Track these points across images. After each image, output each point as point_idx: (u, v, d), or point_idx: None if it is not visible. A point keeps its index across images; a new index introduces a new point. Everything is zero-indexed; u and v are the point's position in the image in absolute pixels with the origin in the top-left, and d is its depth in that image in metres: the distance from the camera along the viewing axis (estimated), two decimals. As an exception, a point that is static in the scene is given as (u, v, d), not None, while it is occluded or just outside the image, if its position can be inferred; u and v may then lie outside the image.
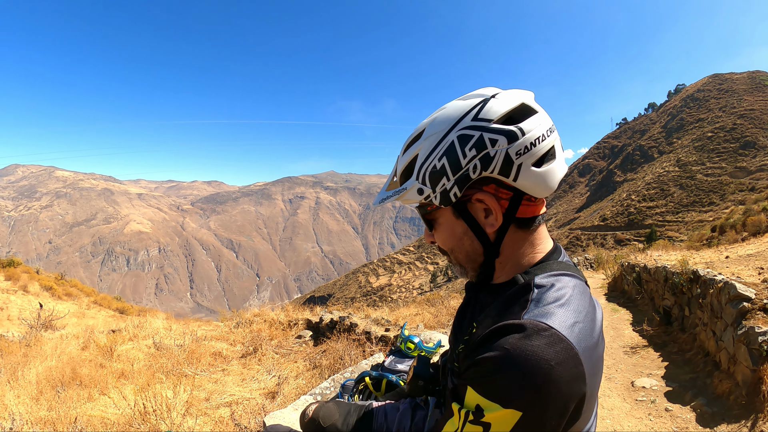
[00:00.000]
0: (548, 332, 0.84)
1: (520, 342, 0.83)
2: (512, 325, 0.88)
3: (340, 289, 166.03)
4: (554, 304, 0.92)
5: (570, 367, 0.82)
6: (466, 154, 0.97)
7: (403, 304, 15.60)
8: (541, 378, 0.79)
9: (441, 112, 1.05)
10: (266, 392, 4.93)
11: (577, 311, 0.92)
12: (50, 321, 9.25)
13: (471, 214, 1.04)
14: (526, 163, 0.97)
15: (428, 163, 1.02)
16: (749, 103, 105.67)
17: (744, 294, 4.63)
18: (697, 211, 79.44)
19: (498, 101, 1.00)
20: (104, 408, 4.38)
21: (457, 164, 0.98)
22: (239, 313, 9.43)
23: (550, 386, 0.80)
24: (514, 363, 0.82)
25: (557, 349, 0.82)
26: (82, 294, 21.31)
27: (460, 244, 1.09)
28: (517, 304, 0.96)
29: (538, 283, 0.99)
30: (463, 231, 1.07)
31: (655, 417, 4.47)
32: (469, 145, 0.97)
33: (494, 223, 1.03)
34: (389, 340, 6.30)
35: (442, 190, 1.01)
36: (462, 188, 1.00)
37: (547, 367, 0.80)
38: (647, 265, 9.11)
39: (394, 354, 2.27)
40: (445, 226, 1.10)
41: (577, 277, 1.04)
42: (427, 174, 1.02)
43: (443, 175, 1.00)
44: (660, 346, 6.48)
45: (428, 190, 1.02)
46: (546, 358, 0.80)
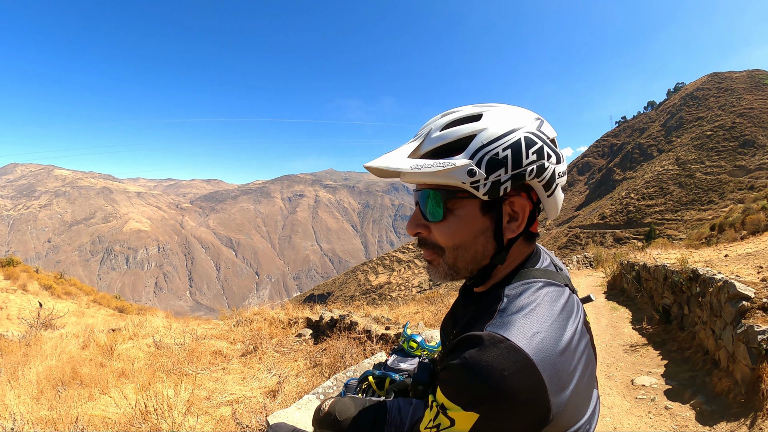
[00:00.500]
0: (504, 344, 0.87)
1: (477, 353, 0.87)
2: (472, 336, 0.92)
3: (339, 287, 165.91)
4: (518, 314, 0.94)
5: (524, 377, 0.84)
6: (528, 156, 0.98)
7: (402, 302, 15.61)
8: (494, 386, 0.83)
9: (499, 108, 1.04)
10: (267, 391, 4.94)
11: (541, 320, 0.93)
12: (50, 320, 9.25)
13: (500, 215, 1.03)
14: (560, 186, 1.06)
15: (491, 148, 0.97)
16: (748, 102, 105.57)
17: (743, 293, 4.64)
18: (696, 209, 79.48)
19: (548, 125, 1.05)
20: (105, 407, 4.39)
21: (519, 161, 0.98)
22: (239, 312, 9.43)
23: (504, 394, 0.83)
24: (470, 372, 0.86)
25: (511, 360, 0.85)
26: (82, 293, 21.30)
27: (473, 243, 1.05)
28: (487, 313, 0.99)
29: (507, 293, 1.01)
30: (482, 229, 1.04)
31: (655, 415, 4.48)
32: (534, 149, 0.99)
33: (515, 229, 1.04)
34: (389, 338, 6.31)
35: (496, 180, 0.97)
36: (514, 185, 0.99)
37: (500, 376, 0.83)
38: (647, 263, 9.13)
39: (396, 353, 2.27)
40: (465, 220, 1.03)
41: (553, 284, 1.05)
42: (487, 158, 0.97)
43: (503, 166, 0.97)
44: (659, 345, 6.50)
45: (481, 174, 0.97)
46: (499, 368, 0.84)
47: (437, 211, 1.04)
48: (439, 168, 0.96)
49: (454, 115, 1.04)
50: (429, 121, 1.09)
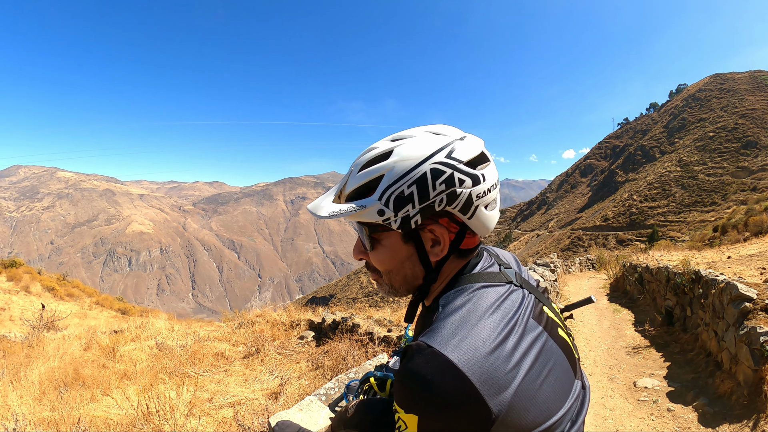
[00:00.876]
0: (427, 351, 0.93)
1: (407, 363, 0.94)
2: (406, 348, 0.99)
3: (341, 289, 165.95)
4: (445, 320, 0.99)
5: (449, 380, 0.88)
6: (435, 187, 1.02)
7: (404, 304, 15.57)
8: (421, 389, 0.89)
9: (411, 141, 1.08)
10: (269, 393, 4.93)
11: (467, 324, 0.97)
12: (52, 321, 9.26)
13: (421, 242, 1.09)
14: (481, 206, 1.07)
15: (396, 188, 1.02)
16: (751, 103, 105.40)
17: (746, 294, 4.63)
18: (698, 211, 79.31)
19: (466, 145, 1.08)
20: (107, 409, 4.39)
21: (426, 195, 1.02)
22: (241, 314, 9.42)
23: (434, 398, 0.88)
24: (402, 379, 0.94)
25: (433, 365, 0.90)
26: (84, 294, 21.31)
27: (400, 268, 1.13)
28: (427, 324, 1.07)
29: (441, 303, 1.07)
30: (407, 256, 1.11)
31: (658, 417, 4.47)
32: (441, 179, 1.02)
33: (439, 253, 1.10)
34: (392, 340, 6.30)
35: (404, 216, 1.03)
36: (424, 218, 1.04)
37: (425, 381, 0.89)
38: (649, 265, 9.12)
39: (398, 354, 2.27)
40: (389, 249, 1.12)
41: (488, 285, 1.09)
42: (393, 198, 1.02)
43: (410, 202, 1.02)
44: (662, 347, 6.49)
45: (390, 212, 1.03)
46: (422, 373, 0.90)
47: (368, 242, 1.14)
48: (352, 212, 1.04)
49: (370, 154, 1.10)
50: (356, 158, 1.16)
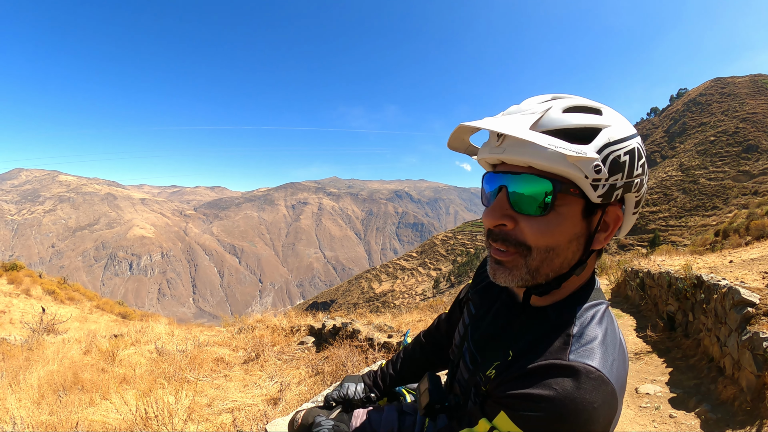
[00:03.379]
0: (594, 375, 0.84)
1: (572, 387, 0.83)
2: (562, 366, 0.86)
3: (342, 295, 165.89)
4: (596, 341, 0.91)
5: (609, 407, 0.84)
6: (637, 168, 0.92)
7: (405, 310, 15.56)
8: (582, 419, 0.81)
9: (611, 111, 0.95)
10: (268, 398, 4.91)
11: (613, 345, 0.92)
12: (52, 325, 9.24)
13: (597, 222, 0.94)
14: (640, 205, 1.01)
15: (616, 149, 0.89)
16: (751, 107, 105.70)
17: (748, 299, 4.61)
18: (700, 215, 79.41)
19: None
20: (106, 413, 4.37)
21: (632, 170, 0.91)
22: (241, 319, 9.41)
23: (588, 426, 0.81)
24: (562, 406, 0.82)
25: (602, 392, 0.83)
26: (85, 298, 21.28)
27: (566, 247, 0.93)
28: (560, 337, 0.93)
29: (579, 317, 0.96)
30: (578, 233, 0.93)
31: (660, 423, 4.44)
32: (641, 162, 0.93)
33: (602, 240, 0.96)
34: (392, 346, 6.29)
35: (613, 183, 0.89)
36: (624, 193, 0.92)
37: (591, 409, 0.81)
38: (651, 270, 9.08)
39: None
40: (566, 220, 0.91)
41: (605, 302, 1.02)
42: (611, 158, 0.88)
43: (621, 170, 0.89)
44: (664, 352, 6.45)
45: (604, 174, 0.87)
46: (591, 401, 0.82)
47: (540, 204, 0.90)
48: (572, 153, 0.83)
49: (572, 101, 0.95)
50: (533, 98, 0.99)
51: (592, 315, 0.96)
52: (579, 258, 0.95)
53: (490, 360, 1.05)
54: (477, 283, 1.36)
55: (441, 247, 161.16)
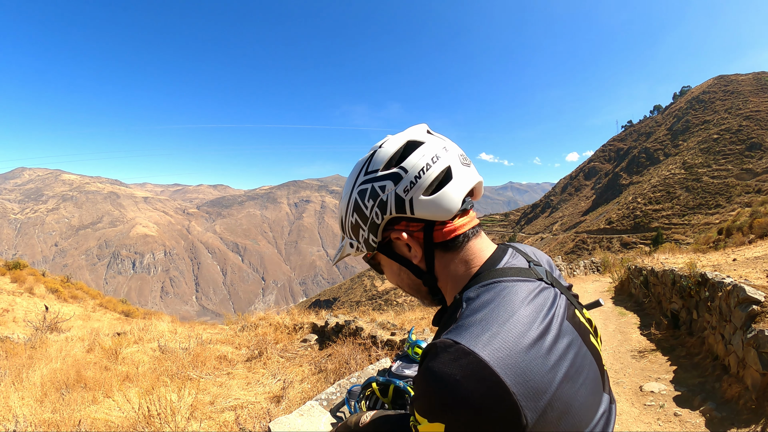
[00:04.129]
0: (453, 348, 0.85)
1: (430, 362, 0.87)
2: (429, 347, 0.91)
3: (345, 292, 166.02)
4: (473, 316, 0.92)
5: (478, 380, 0.80)
6: (366, 206, 1.09)
7: (408, 308, 15.54)
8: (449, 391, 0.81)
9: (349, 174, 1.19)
10: (271, 396, 4.91)
11: (498, 319, 0.88)
12: (55, 323, 9.26)
13: (397, 253, 1.13)
14: (416, 196, 1.04)
15: (348, 221, 1.15)
16: (755, 105, 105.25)
17: (753, 297, 4.58)
18: (703, 213, 79.10)
19: (383, 149, 1.10)
20: (108, 411, 4.37)
21: (364, 216, 1.10)
22: (244, 317, 9.41)
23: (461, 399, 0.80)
24: (425, 381, 0.86)
25: (462, 363, 0.82)
26: (88, 297, 21.35)
27: (401, 280, 1.18)
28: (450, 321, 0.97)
29: (466, 298, 0.99)
30: (398, 268, 1.16)
31: (664, 422, 4.42)
32: (366, 197, 1.09)
33: (416, 254, 1.09)
34: (395, 344, 6.27)
35: (363, 240, 1.13)
36: (376, 234, 1.10)
37: (453, 381, 0.81)
38: (654, 268, 9.06)
39: (401, 359, 2.24)
40: (386, 268, 1.20)
41: (519, 279, 1.00)
42: (350, 229, 1.15)
43: (359, 227, 1.12)
44: (668, 350, 6.43)
45: (355, 242, 1.15)
46: (450, 373, 0.82)
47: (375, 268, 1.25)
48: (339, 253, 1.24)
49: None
50: None
51: (479, 293, 0.98)
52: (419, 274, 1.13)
53: None
54: None
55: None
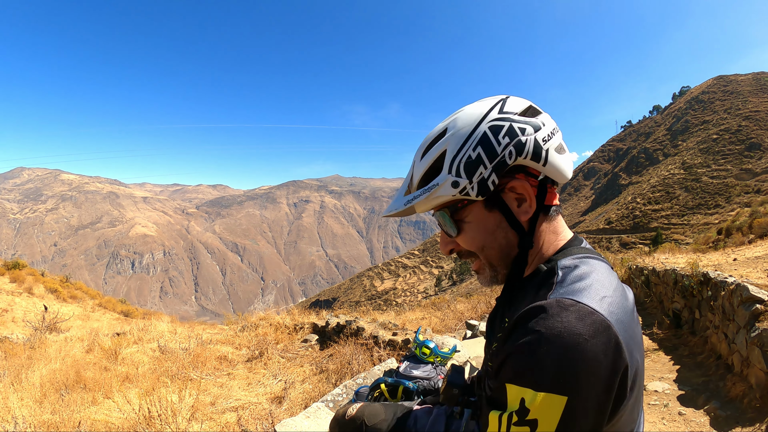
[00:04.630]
0: (575, 307, 0.83)
1: (548, 321, 0.82)
2: (537, 307, 0.86)
3: (344, 293, 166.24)
4: (580, 282, 0.92)
5: (604, 339, 0.80)
6: (500, 142, 1.00)
7: (408, 308, 15.58)
8: (577, 353, 0.78)
9: (461, 113, 1.07)
10: (273, 397, 4.89)
11: (604, 286, 0.91)
12: (55, 323, 9.24)
13: (505, 204, 1.04)
14: (551, 149, 1.04)
15: (462, 155, 1.01)
16: (754, 105, 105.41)
17: (757, 296, 4.57)
18: (702, 213, 79.21)
19: (514, 100, 1.07)
20: (108, 412, 4.34)
21: (493, 152, 1.00)
22: (244, 317, 9.39)
23: (588, 361, 0.78)
24: (546, 342, 0.80)
25: (587, 322, 0.80)
26: (87, 297, 21.34)
27: (493, 239, 1.07)
28: (543, 288, 0.96)
29: (562, 265, 1.00)
30: (496, 224, 1.05)
31: (669, 421, 4.41)
32: (502, 133, 1.00)
33: (528, 210, 1.04)
34: (397, 344, 6.25)
35: (480, 180, 1.00)
36: (499, 175, 1.01)
37: (582, 341, 0.78)
38: (656, 268, 9.05)
39: (408, 359, 2.21)
40: (476, 223, 1.07)
41: (601, 260, 1.04)
42: (462, 165, 1.01)
43: (480, 163, 1.00)
44: (671, 350, 6.42)
45: (464, 181, 1.01)
46: (578, 332, 0.79)
47: (452, 227, 1.09)
48: (427, 194, 1.05)
49: (427, 140, 1.11)
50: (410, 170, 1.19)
51: (576, 264, 0.99)
52: (518, 235, 1.06)
53: (494, 336, 1.17)
54: None
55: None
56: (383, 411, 1.56)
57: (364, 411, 1.57)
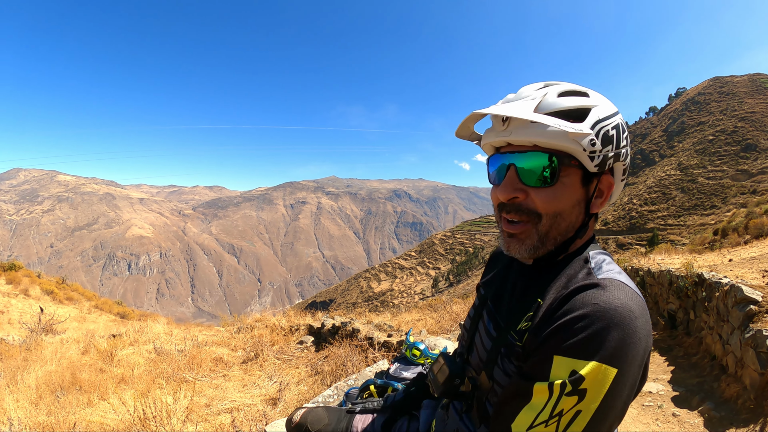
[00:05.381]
0: (625, 287, 0.91)
1: (606, 295, 0.88)
2: (590, 284, 0.93)
3: (341, 294, 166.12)
4: (614, 271, 1.00)
5: (646, 320, 0.88)
6: (623, 140, 1.08)
7: (405, 309, 15.56)
8: (630, 329, 0.84)
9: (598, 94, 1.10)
10: (267, 398, 4.88)
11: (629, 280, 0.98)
12: (51, 325, 9.21)
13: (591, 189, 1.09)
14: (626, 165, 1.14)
15: (606, 124, 1.04)
16: (750, 106, 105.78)
17: (751, 297, 4.59)
18: (698, 214, 79.45)
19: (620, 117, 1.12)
20: (103, 413, 4.34)
21: (619, 142, 1.07)
22: (240, 318, 9.38)
23: (636, 337, 0.84)
24: (604, 315, 0.85)
25: (637, 302, 0.89)
26: (83, 298, 21.26)
27: (570, 211, 1.07)
28: (581, 272, 1.03)
29: (593, 257, 1.08)
30: (579, 199, 1.08)
31: (663, 422, 4.42)
32: (625, 134, 1.10)
33: (599, 205, 1.11)
34: (392, 345, 6.26)
35: (605, 154, 1.04)
36: (614, 163, 1.08)
37: (633, 317, 0.85)
38: (651, 268, 9.06)
39: (399, 361, 2.22)
40: (569, 188, 1.05)
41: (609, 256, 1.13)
42: (602, 132, 1.03)
43: (611, 143, 1.05)
44: (665, 351, 6.44)
45: (598, 146, 1.03)
46: (631, 309, 0.86)
47: (548, 176, 1.04)
48: (572, 130, 0.98)
49: (564, 87, 1.08)
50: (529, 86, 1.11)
51: (603, 258, 1.08)
52: (582, 221, 1.10)
53: (520, 315, 1.10)
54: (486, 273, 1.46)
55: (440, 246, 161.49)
56: (326, 416, 1.59)
57: (307, 417, 1.60)
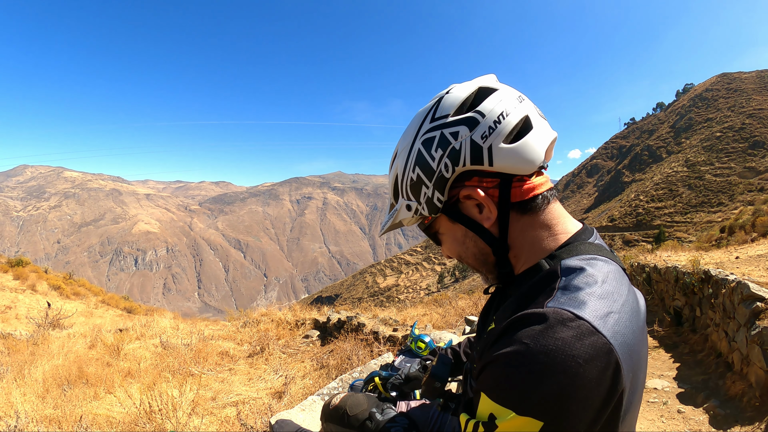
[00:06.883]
0: (576, 323, 0.70)
1: (542, 334, 0.69)
2: (532, 314, 0.74)
3: (347, 289, 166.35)
4: (585, 290, 0.77)
5: (602, 363, 0.68)
6: (433, 157, 0.94)
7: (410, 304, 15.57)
8: (567, 379, 0.66)
9: (407, 126, 1.04)
10: (273, 392, 4.90)
11: (612, 300, 0.76)
12: (58, 320, 9.28)
13: (464, 214, 0.98)
14: (496, 143, 0.90)
15: (406, 178, 1.00)
16: (758, 103, 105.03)
17: (758, 294, 4.55)
18: (705, 211, 79.02)
19: (452, 94, 0.97)
20: (110, 407, 4.37)
21: (430, 169, 0.95)
22: (246, 313, 9.41)
23: (578, 389, 0.66)
24: (533, 360, 0.68)
25: (586, 343, 0.68)
26: (90, 293, 21.39)
27: (465, 249, 1.02)
28: (543, 293, 0.82)
29: (566, 267, 0.85)
30: (463, 234, 1.01)
31: (668, 419, 4.40)
32: (434, 146, 0.94)
33: (490, 215, 0.94)
34: (397, 340, 6.26)
35: (426, 199, 0.98)
36: (443, 191, 0.95)
37: (574, 365, 0.66)
38: (657, 265, 9.03)
39: (404, 354, 2.22)
40: (447, 235, 1.05)
41: (612, 262, 0.88)
42: (408, 188, 1.01)
43: (421, 184, 0.97)
44: (671, 347, 6.41)
45: (414, 203, 1.00)
46: (573, 355, 0.67)
47: (432, 238, 1.11)
48: (392, 218, 1.08)
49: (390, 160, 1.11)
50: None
51: (583, 266, 0.84)
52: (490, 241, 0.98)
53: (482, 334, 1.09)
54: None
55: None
56: (366, 401, 1.58)
57: (347, 401, 1.59)
